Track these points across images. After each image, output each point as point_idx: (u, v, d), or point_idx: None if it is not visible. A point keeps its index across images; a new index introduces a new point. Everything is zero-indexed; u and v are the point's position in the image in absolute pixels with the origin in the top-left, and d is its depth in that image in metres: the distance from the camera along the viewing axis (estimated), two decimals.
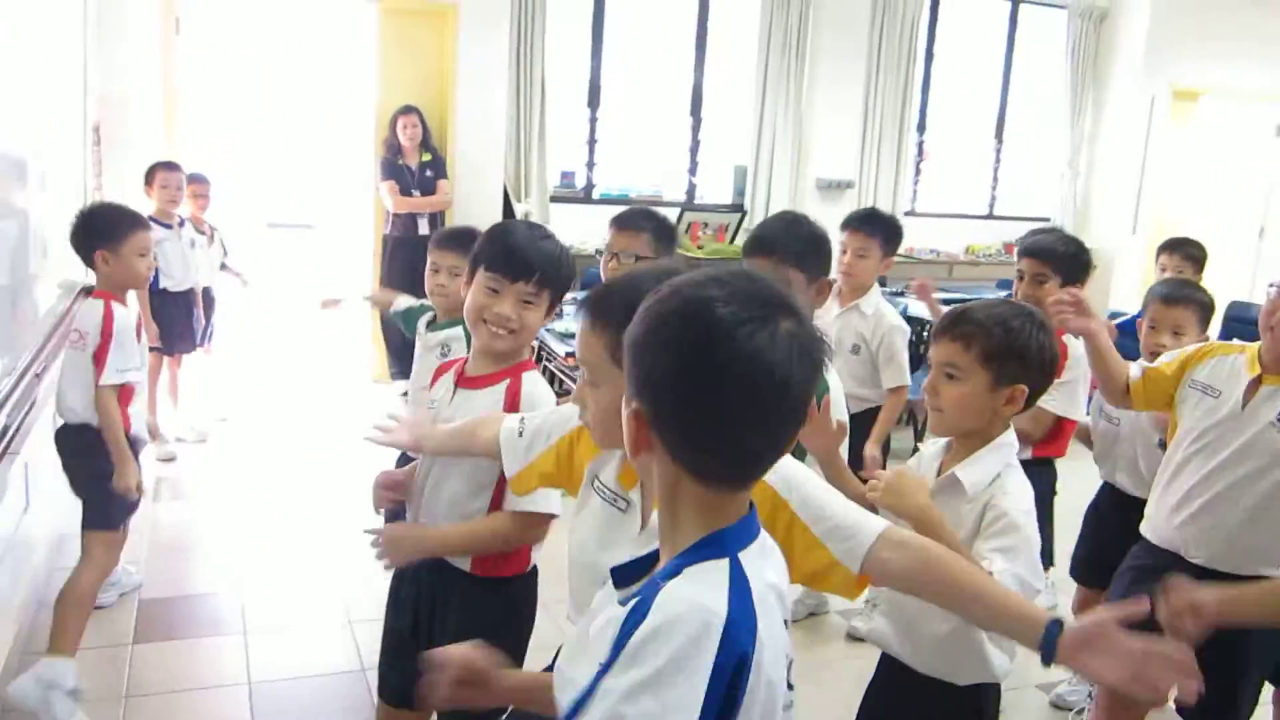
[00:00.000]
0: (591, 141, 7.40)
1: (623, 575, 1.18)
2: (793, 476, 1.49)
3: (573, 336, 4.77)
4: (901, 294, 7.00)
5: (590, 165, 7.45)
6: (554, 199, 7.12)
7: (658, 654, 1.00)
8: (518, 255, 1.98)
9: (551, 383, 5.54)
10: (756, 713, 1.06)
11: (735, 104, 7.77)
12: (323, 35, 8.23)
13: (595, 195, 7.48)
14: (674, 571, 1.08)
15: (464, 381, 2.09)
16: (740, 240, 7.59)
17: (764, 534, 1.17)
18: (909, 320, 4.23)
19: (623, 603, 1.10)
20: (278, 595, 3.82)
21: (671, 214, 7.24)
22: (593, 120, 7.37)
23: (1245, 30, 8.35)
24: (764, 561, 1.14)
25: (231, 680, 3.20)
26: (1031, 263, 3.07)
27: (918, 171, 8.56)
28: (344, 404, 6.41)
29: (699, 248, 7.35)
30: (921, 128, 8.51)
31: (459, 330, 2.89)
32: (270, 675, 3.23)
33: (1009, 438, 1.96)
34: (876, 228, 3.61)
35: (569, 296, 2.21)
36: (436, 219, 6.45)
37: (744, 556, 1.10)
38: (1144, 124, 8.62)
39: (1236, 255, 8.40)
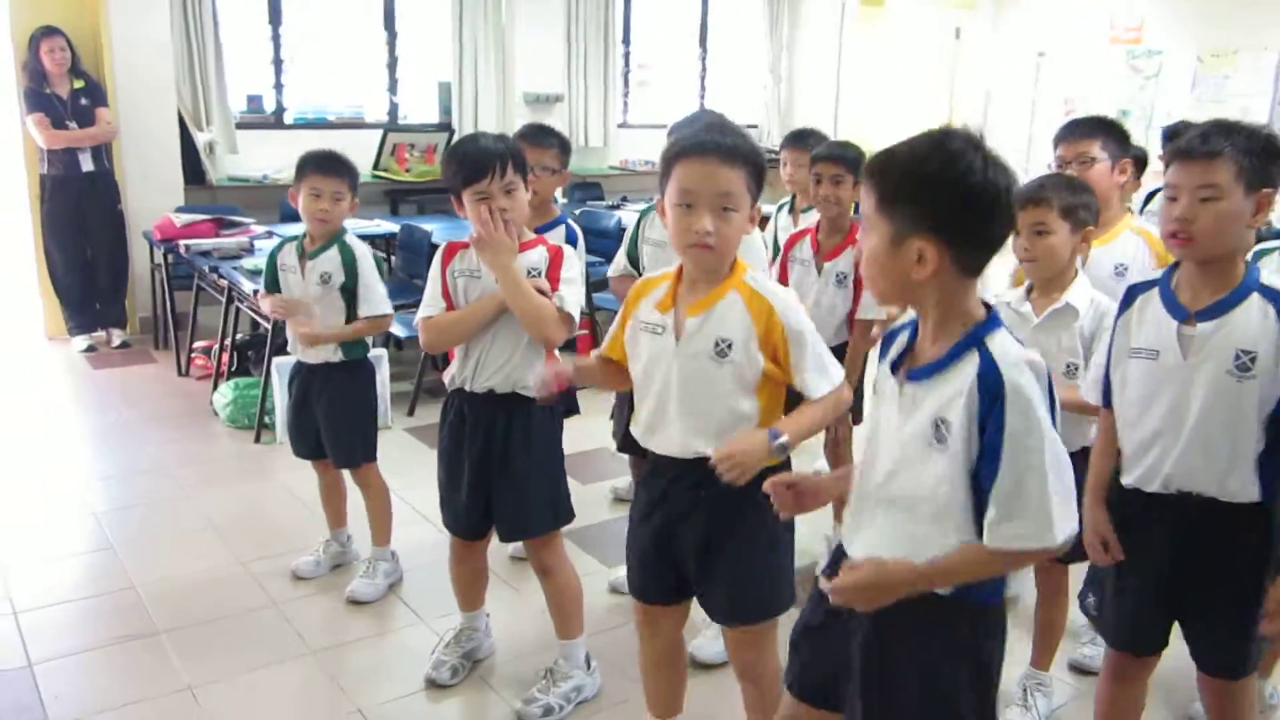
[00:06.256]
0: (277, 61, 6.83)
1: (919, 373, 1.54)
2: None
3: (259, 273, 4.38)
4: (618, 207, 6.95)
5: (279, 87, 6.88)
6: (240, 125, 6.55)
7: (1035, 385, 1.45)
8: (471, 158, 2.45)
9: (238, 317, 5.11)
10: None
11: (432, 18, 7.37)
12: None
13: (288, 119, 6.94)
14: (976, 342, 1.48)
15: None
16: None
17: None
18: None
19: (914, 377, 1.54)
20: None
21: (374, 136, 6.90)
22: (276, 38, 6.79)
23: None
24: None
25: None
26: (829, 165, 3.33)
27: (626, 83, 8.49)
28: (16, 365, 5.72)
29: (406, 170, 6.99)
30: (627, 40, 8.42)
31: (335, 253, 3.13)
32: None
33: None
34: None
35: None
36: (101, 153, 5.76)
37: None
38: (836, 31, 8.92)
39: None
